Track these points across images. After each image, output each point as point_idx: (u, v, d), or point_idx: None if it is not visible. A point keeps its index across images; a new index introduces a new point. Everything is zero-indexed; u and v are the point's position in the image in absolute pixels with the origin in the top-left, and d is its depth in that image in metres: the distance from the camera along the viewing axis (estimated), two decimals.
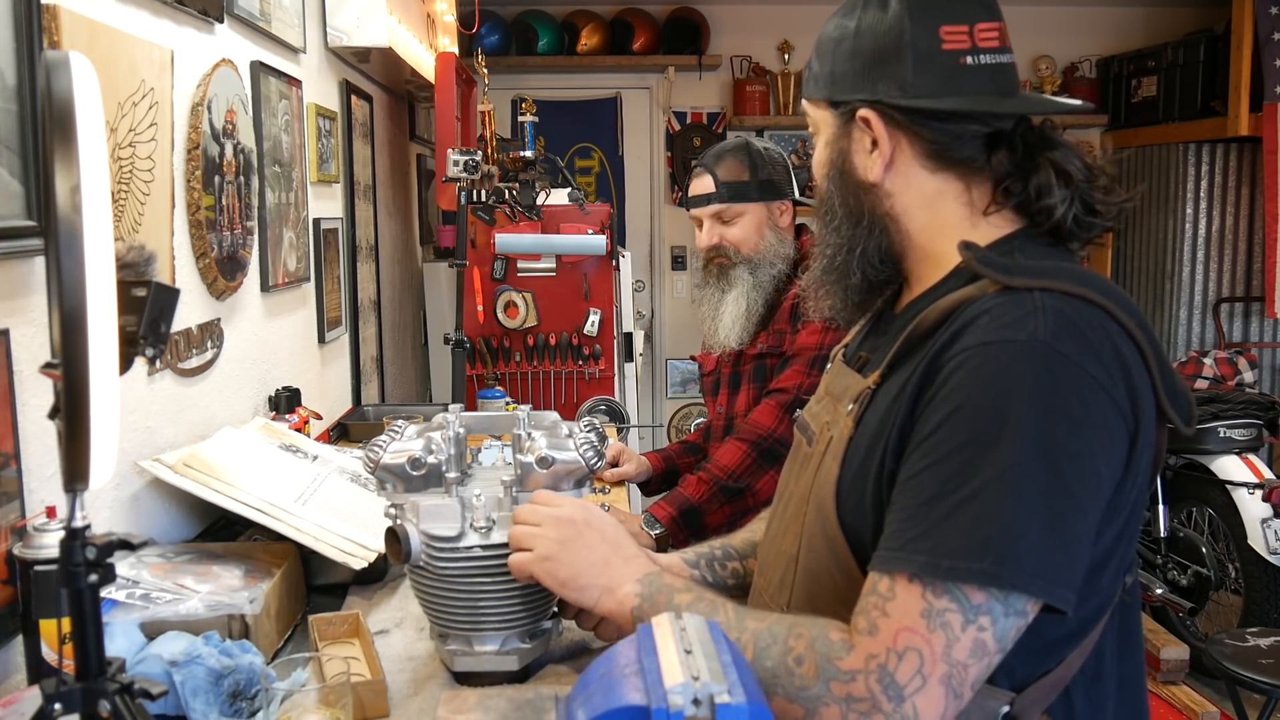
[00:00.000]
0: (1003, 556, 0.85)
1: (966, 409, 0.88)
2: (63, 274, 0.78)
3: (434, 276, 4.05)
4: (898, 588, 0.89)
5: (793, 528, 1.08)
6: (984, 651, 0.87)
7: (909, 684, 0.87)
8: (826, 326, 1.94)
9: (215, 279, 1.89)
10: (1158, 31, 5.28)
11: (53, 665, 1.09)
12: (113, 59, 1.48)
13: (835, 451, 1.01)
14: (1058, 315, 0.89)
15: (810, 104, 1.09)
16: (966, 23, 1.00)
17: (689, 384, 5.50)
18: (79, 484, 0.82)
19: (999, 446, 0.86)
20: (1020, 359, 0.88)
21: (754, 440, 1.93)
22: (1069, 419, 0.87)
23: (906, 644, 0.87)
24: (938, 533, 0.87)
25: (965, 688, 0.87)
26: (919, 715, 0.86)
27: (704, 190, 2.08)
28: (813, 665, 0.91)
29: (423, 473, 1.22)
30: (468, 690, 1.19)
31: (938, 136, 1.00)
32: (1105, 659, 0.98)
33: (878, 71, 1.00)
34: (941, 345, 0.93)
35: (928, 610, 0.87)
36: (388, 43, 2.75)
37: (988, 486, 0.86)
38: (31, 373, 1.30)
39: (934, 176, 1.02)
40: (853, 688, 0.89)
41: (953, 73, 0.99)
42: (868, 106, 1.01)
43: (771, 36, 5.30)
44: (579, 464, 1.23)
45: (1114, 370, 0.89)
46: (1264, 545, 3.37)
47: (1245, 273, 4.87)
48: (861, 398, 1.01)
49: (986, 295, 0.93)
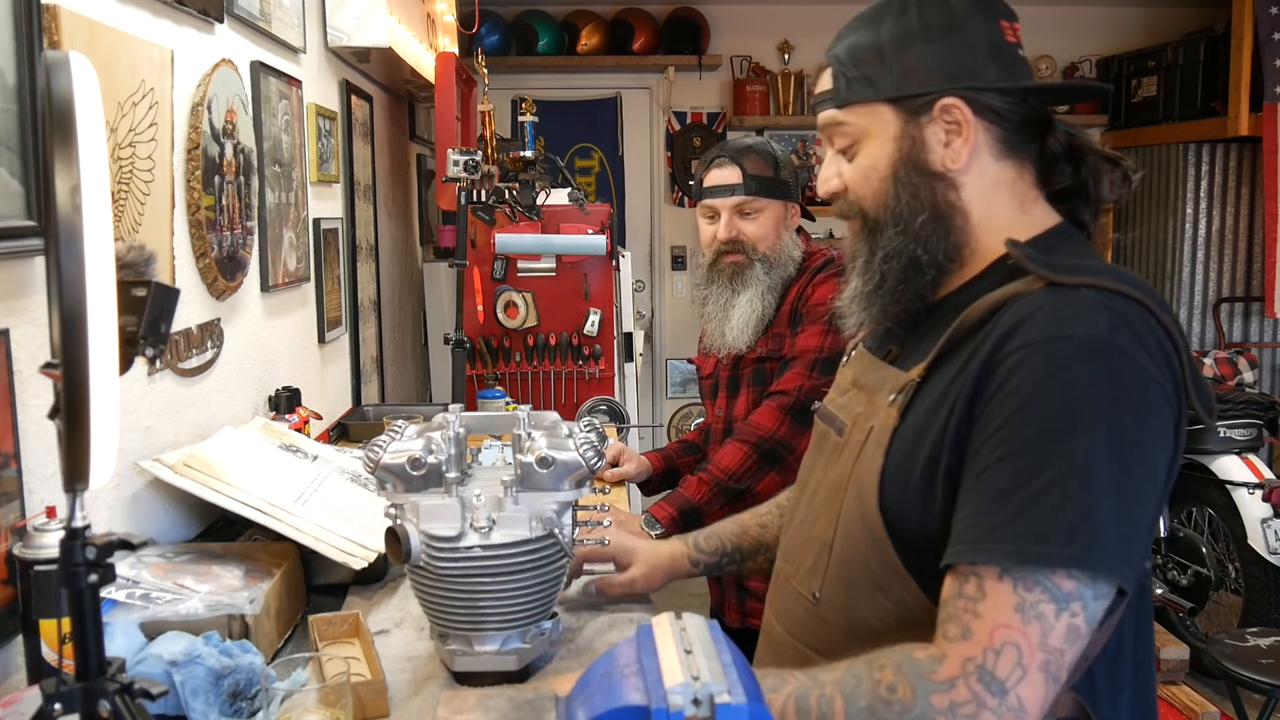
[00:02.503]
0: (1089, 542, 0.88)
1: (1034, 403, 0.92)
2: (63, 274, 0.78)
3: (434, 276, 4.05)
4: (987, 586, 0.91)
5: (825, 514, 1.10)
6: (1077, 636, 0.89)
7: (1010, 676, 0.89)
8: (826, 329, 1.94)
9: (215, 279, 1.89)
10: (1158, 31, 5.28)
11: (53, 665, 1.09)
12: (113, 59, 1.48)
13: (879, 441, 1.04)
14: (1109, 312, 0.93)
15: (854, 109, 1.09)
16: (1010, 20, 1.07)
17: (689, 384, 5.50)
18: (79, 484, 0.82)
19: (1072, 437, 0.90)
20: (1083, 354, 0.92)
21: (755, 442, 1.93)
22: (1133, 411, 0.91)
23: (1003, 640, 0.90)
24: (1019, 523, 0.90)
25: (1063, 672, 0.90)
26: (1024, 705, 0.89)
27: (729, 180, 2.02)
28: (907, 687, 0.92)
29: (423, 473, 1.22)
30: (468, 690, 1.19)
31: (1013, 118, 1.05)
32: (1124, 640, 1.01)
33: (953, 63, 1.04)
34: (996, 342, 0.96)
35: (1020, 604, 0.89)
36: (388, 43, 2.75)
37: (1065, 476, 0.89)
38: (31, 373, 1.30)
39: (997, 164, 1.06)
40: (954, 694, 0.90)
41: (1015, 62, 1.05)
42: (953, 94, 1.04)
43: (771, 36, 5.30)
44: (579, 464, 1.23)
45: (1161, 364, 0.94)
46: (1264, 545, 3.37)
47: (1245, 273, 4.87)
48: (906, 389, 1.03)
49: (1034, 292, 0.97)
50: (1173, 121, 4.91)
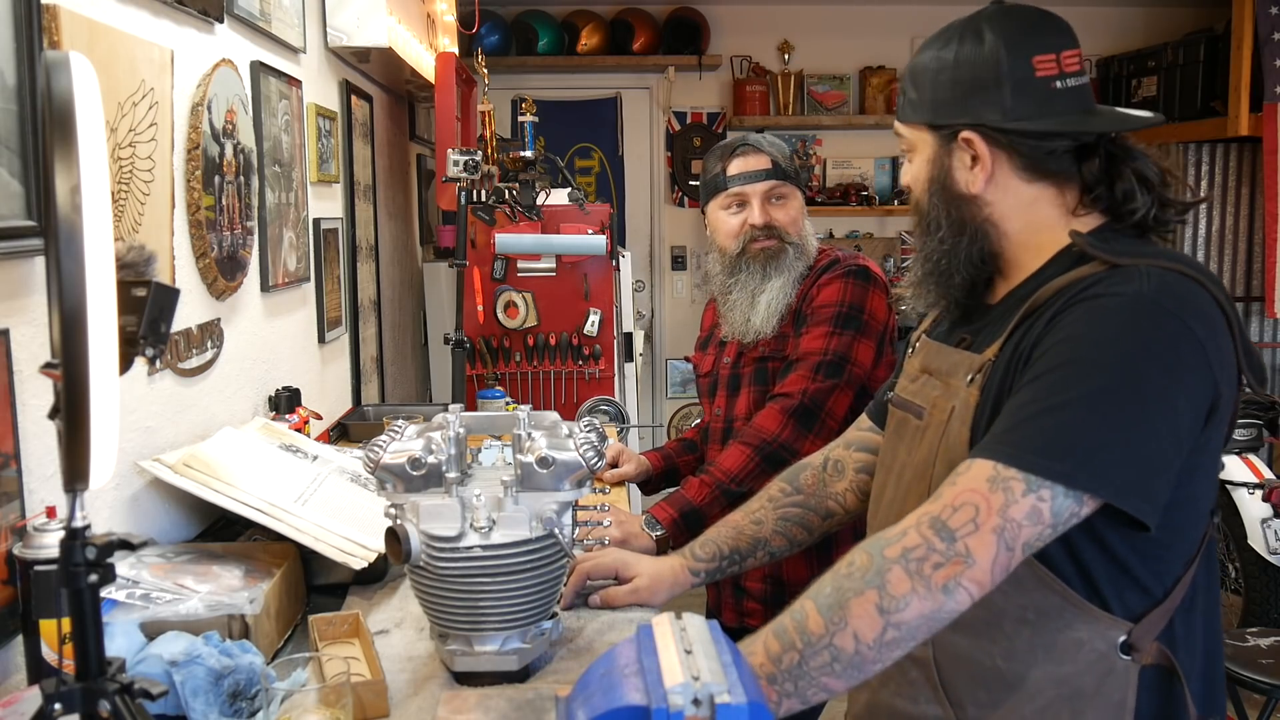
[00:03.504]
0: (1081, 462, 0.97)
1: (1069, 340, 1.02)
2: (63, 274, 0.78)
3: (434, 276, 4.05)
4: (974, 466, 1.01)
5: (915, 490, 1.17)
6: (1039, 519, 0.97)
7: (961, 528, 0.97)
8: (830, 331, 1.93)
9: (215, 279, 1.89)
10: (1158, 31, 5.28)
11: (53, 665, 1.09)
12: (113, 59, 1.48)
13: (963, 418, 1.12)
14: (1161, 280, 1.03)
15: (907, 127, 1.22)
16: (1054, 51, 1.13)
17: (689, 384, 5.50)
18: (79, 484, 0.82)
19: (1092, 369, 0.99)
20: (1125, 306, 1.01)
21: (758, 445, 1.91)
22: (1161, 359, 0.99)
23: (964, 500, 0.99)
24: (1022, 430, 1.00)
25: (1017, 544, 0.97)
26: (971, 553, 0.96)
27: (760, 166, 2.00)
28: (862, 554, 1.02)
29: (423, 473, 1.22)
30: (468, 690, 1.19)
31: (1033, 152, 1.13)
32: (1198, 593, 1.09)
33: (978, 98, 1.13)
34: (1057, 309, 1.05)
35: (993, 477, 0.98)
36: (388, 43, 2.75)
37: (1077, 400, 0.98)
38: (31, 373, 1.30)
39: (1030, 186, 1.15)
40: (905, 541, 0.99)
41: (1045, 96, 1.12)
42: (970, 129, 1.14)
43: (771, 36, 5.30)
44: (579, 464, 1.23)
45: (1207, 329, 1.02)
46: (1264, 545, 3.37)
47: (1245, 273, 4.87)
48: (984, 369, 1.12)
49: (1097, 273, 1.06)
50: (1172, 121, 4.91)
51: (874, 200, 5.27)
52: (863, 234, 5.38)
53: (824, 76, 5.31)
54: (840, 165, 5.41)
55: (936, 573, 0.97)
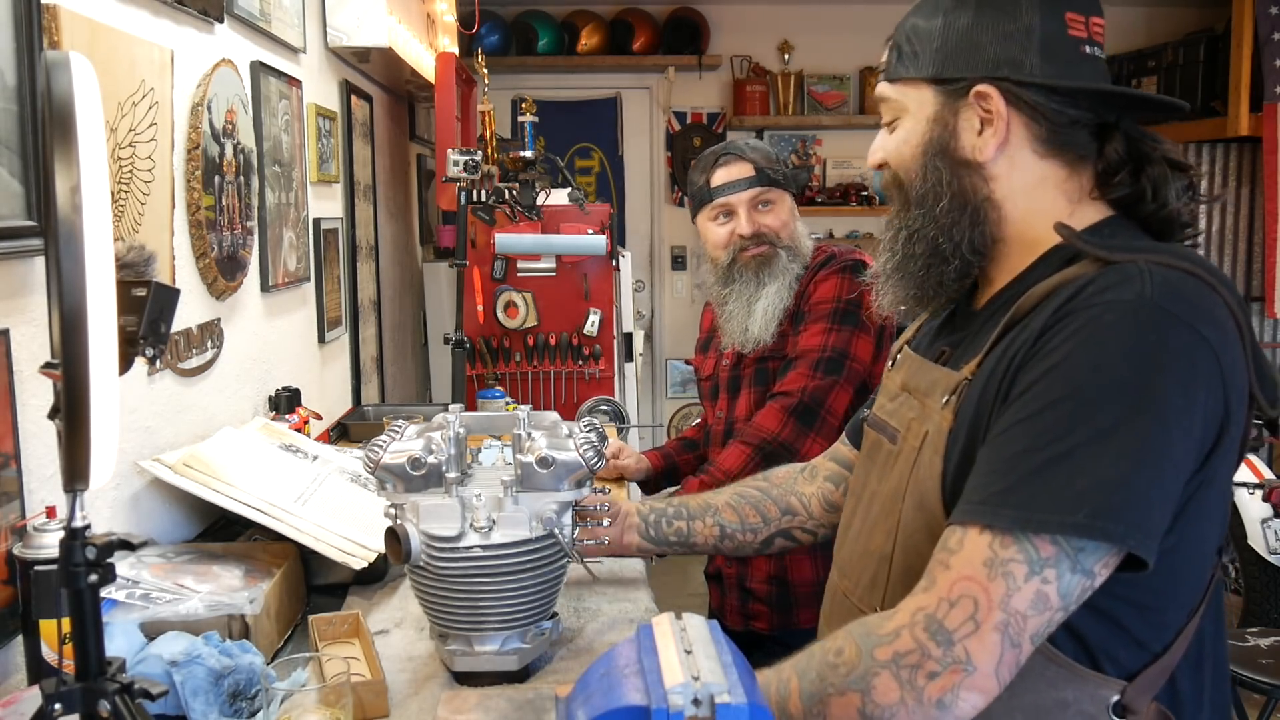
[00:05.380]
0: (1099, 510, 0.83)
1: (1065, 366, 0.87)
2: (63, 274, 0.78)
3: (434, 276, 4.06)
4: (966, 540, 0.87)
5: (882, 526, 1.06)
6: (1045, 605, 0.85)
7: (960, 629, 0.85)
8: (829, 328, 1.93)
9: (215, 279, 1.89)
10: (1158, 31, 5.28)
11: (53, 665, 1.09)
12: (113, 59, 1.48)
13: (935, 445, 0.99)
14: (1164, 279, 0.88)
15: (898, 85, 1.07)
16: (1084, 13, 1.00)
17: (689, 384, 5.50)
18: (79, 484, 0.82)
19: (1100, 404, 0.85)
20: (1127, 317, 0.87)
21: (758, 443, 1.92)
22: (1177, 377, 0.86)
23: (962, 592, 0.86)
24: (1027, 487, 0.86)
25: (1024, 638, 0.85)
26: (971, 658, 0.85)
27: (742, 174, 1.98)
28: (853, 647, 0.90)
29: (423, 473, 1.22)
30: (468, 690, 1.19)
31: (1056, 118, 0.99)
32: (1205, 643, 0.97)
33: (1000, 50, 0.99)
34: (1044, 322, 0.91)
35: (991, 560, 0.85)
36: (388, 43, 2.75)
37: (1086, 444, 0.85)
38: (31, 373, 1.30)
39: (1041, 162, 1.01)
40: (898, 645, 0.87)
41: (1075, 59, 0.99)
42: (989, 82, 0.99)
43: (771, 36, 5.30)
44: (579, 464, 1.23)
45: (1220, 336, 0.89)
46: (1264, 545, 3.37)
47: (1245, 273, 4.87)
48: (959, 389, 0.98)
49: (1088, 274, 0.92)
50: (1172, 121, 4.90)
51: (874, 200, 5.27)
52: (863, 234, 5.38)
53: (824, 76, 5.31)
54: (840, 165, 5.41)
55: (931, 683, 0.85)
